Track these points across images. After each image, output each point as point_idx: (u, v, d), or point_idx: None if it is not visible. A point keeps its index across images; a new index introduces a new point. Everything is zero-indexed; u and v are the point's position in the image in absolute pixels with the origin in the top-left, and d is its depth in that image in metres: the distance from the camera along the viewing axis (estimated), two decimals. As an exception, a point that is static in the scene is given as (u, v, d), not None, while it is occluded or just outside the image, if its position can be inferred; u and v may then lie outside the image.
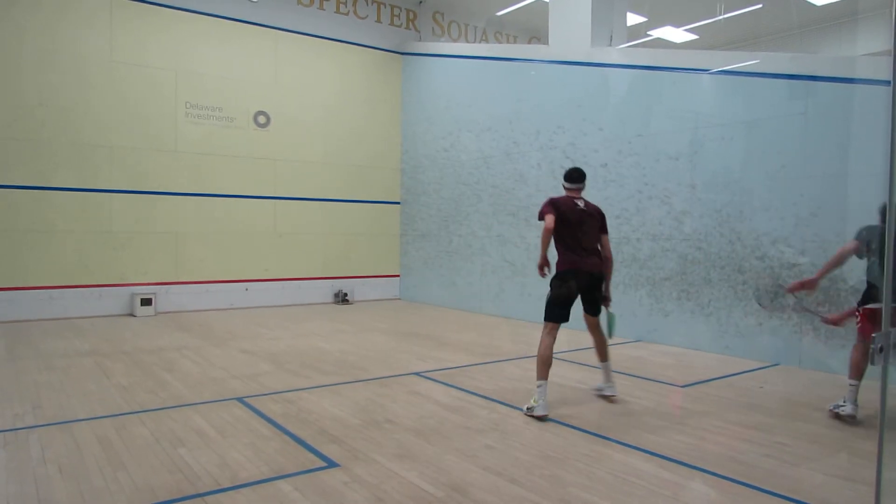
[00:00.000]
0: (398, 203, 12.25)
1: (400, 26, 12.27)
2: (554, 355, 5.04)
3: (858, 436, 4.03)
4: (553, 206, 4.60)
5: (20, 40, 8.63)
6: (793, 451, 3.71)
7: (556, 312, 4.58)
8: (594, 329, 4.89)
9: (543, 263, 4.59)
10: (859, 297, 5.49)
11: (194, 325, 8.44)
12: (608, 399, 4.87)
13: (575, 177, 4.80)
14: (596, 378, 5.57)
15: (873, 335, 1.79)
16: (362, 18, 11.73)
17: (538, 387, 4.42)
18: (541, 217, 4.60)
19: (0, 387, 5.05)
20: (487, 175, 10.09)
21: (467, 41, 13.51)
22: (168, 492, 3.03)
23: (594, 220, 4.76)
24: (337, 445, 3.72)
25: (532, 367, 4.93)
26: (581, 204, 4.75)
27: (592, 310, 4.81)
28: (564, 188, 4.85)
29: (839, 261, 4.46)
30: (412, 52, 11.99)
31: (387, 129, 12.10)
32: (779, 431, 4.09)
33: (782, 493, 3.09)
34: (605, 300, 4.85)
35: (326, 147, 11.36)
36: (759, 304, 5.15)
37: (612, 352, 6.86)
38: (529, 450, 3.68)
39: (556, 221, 4.54)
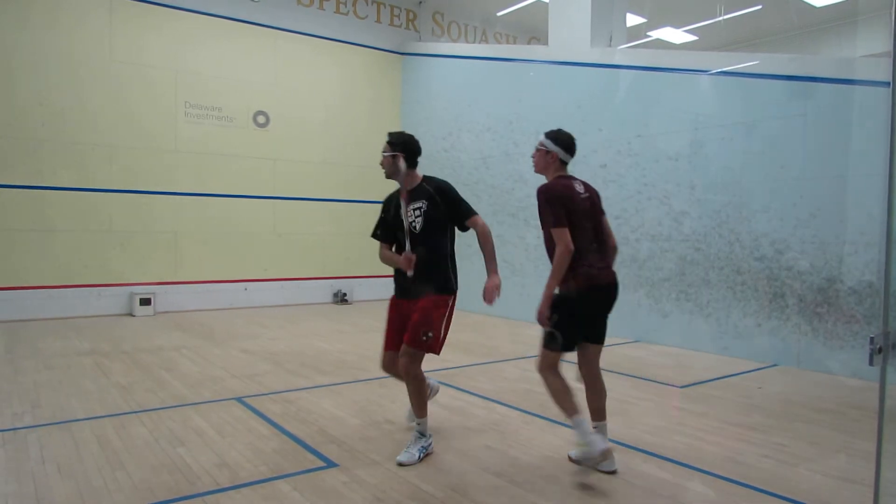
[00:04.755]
0: (397, 203, 12.23)
1: (400, 26, 12.27)
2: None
3: (857, 436, 4.04)
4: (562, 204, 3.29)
5: (17, 40, 8.61)
6: (791, 452, 3.71)
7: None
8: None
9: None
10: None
11: (193, 325, 8.44)
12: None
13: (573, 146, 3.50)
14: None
15: (871, 336, 1.77)
16: (362, 18, 11.73)
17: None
18: (556, 222, 3.27)
19: (-1, 386, 5.06)
20: (487, 175, 10.09)
21: (467, 41, 13.51)
22: (167, 491, 3.03)
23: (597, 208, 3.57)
24: (336, 445, 3.73)
25: (530, 366, 4.93)
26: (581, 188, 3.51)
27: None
28: (560, 161, 3.50)
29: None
30: (412, 52, 11.99)
31: (386, 129, 11.99)
32: (777, 432, 4.09)
33: (781, 494, 3.09)
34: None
35: (326, 147, 11.36)
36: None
37: (611, 352, 6.90)
38: (529, 450, 3.68)
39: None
